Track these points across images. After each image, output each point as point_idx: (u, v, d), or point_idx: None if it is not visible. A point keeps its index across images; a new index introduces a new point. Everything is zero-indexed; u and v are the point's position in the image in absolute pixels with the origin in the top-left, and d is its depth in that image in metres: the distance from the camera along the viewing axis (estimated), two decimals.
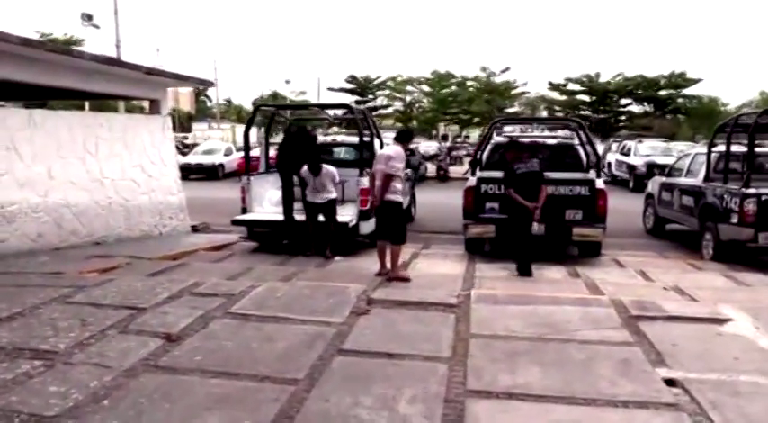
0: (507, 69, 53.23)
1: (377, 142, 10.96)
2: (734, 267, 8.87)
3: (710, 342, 4.69)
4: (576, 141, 10.81)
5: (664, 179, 12.45)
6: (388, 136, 30.34)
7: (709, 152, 10.47)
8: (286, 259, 8.98)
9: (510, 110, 55.75)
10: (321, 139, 12.41)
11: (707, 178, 10.33)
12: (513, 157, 8.03)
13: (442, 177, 25.36)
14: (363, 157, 10.01)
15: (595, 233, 9.11)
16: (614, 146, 27.09)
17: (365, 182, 9.42)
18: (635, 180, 20.87)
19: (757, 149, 10.06)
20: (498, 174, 10.19)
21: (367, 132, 10.45)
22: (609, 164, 25.50)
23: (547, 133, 13.45)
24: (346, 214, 9.50)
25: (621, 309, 5.45)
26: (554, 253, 9.56)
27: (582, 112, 54.12)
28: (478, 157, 10.63)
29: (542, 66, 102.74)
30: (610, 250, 10.32)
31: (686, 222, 11.09)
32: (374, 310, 5.43)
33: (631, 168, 22.10)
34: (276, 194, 10.50)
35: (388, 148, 7.00)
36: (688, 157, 11.91)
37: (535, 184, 7.78)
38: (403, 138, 7.09)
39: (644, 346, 4.60)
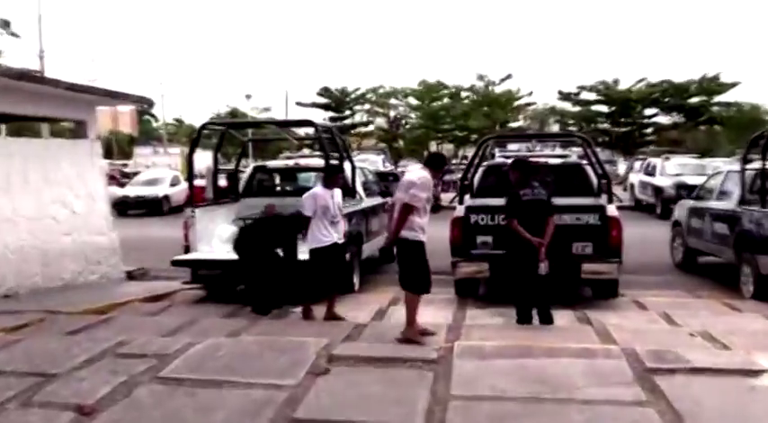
0: (509, 77, 54.01)
1: (347, 165, 11.01)
2: None
3: (742, 399, 4.68)
4: (585, 161, 10.92)
5: (692, 203, 12.58)
6: (371, 158, 30.48)
7: (743, 169, 10.60)
8: (237, 309, 8.94)
9: (514, 124, 56.49)
10: (281, 163, 12.50)
11: (742, 201, 10.45)
12: (518, 180, 7.83)
13: (434, 207, 25.49)
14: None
15: (609, 269, 9.15)
16: (637, 164, 27.42)
17: None
18: (662, 205, 21.10)
19: None
20: (492, 201, 10.29)
21: (335, 154, 10.51)
22: (631, 186, 25.81)
23: (557, 151, 13.54)
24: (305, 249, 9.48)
25: (635, 360, 5.44)
26: (562, 295, 9.54)
27: (599, 126, 55.04)
28: (467, 181, 10.69)
29: (550, 73, 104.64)
30: (631, 290, 10.39)
31: (720, 254, 11.18)
32: (336, 369, 5.39)
33: (657, 191, 22.35)
34: (228, 230, 10.49)
35: (412, 173, 6.89)
36: (719, 175, 12.07)
37: (542, 214, 7.69)
38: (434, 163, 7.01)
39: (660, 405, 4.57)
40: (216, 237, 10.43)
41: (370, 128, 60.00)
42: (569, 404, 4.58)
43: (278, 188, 12.58)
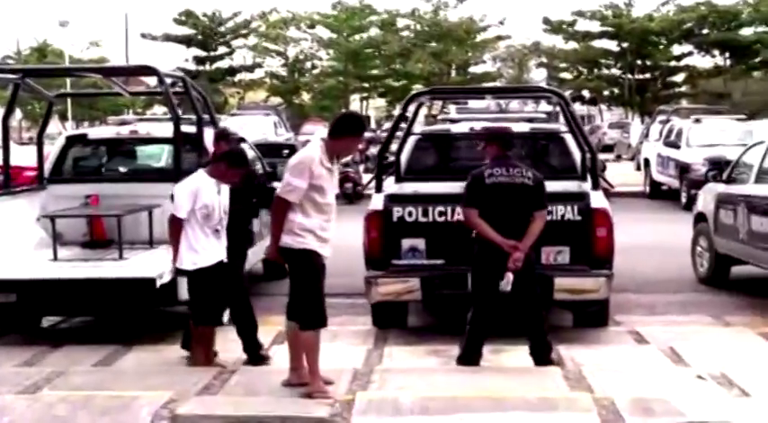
0: None
1: (209, 133, 11.27)
2: None
3: None
4: (564, 128, 11.44)
5: (723, 188, 13.23)
6: (255, 122, 30.74)
7: None
8: (43, 352, 9.15)
9: (477, 68, 57.40)
10: (109, 131, 12.66)
11: None
12: (496, 158, 8.23)
13: (352, 195, 25.87)
14: (181, 163, 10.29)
15: (593, 285, 9.60)
16: (654, 130, 28.21)
17: None
18: (689, 190, 21.77)
19: None
20: (427, 186, 10.73)
21: (189, 116, 10.77)
22: (646, 162, 26.59)
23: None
24: (152, 266, 9.73)
25: (610, 414, 5.92)
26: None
27: (606, 71, 56.40)
28: (390, 157, 11.10)
29: None
30: (630, 315, 11.03)
31: (762, 262, 11.84)
32: None
33: (682, 170, 23.11)
34: (36, 233, 10.63)
35: (304, 149, 7.35)
36: (761, 146, 12.71)
37: (521, 206, 8.07)
38: (343, 129, 7.21)
39: None
40: (8, 244, 10.53)
41: (259, 74, 60.17)
42: None
43: (104, 170, 12.72)
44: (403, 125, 11.86)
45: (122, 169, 12.71)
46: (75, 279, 9.73)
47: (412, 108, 11.82)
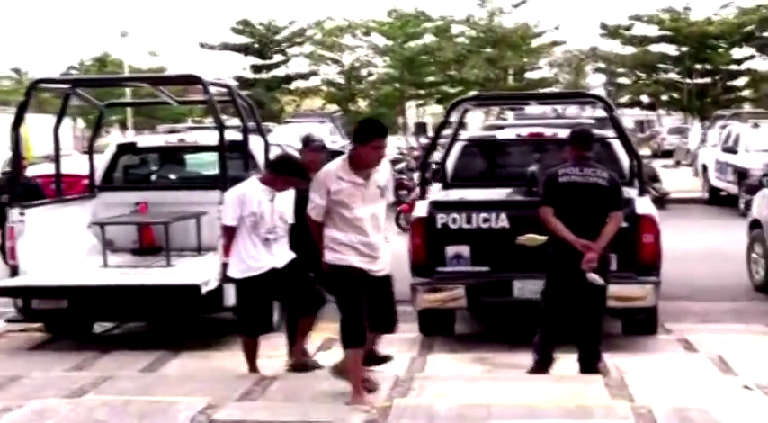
0: (523, 2, 54.57)
1: (257, 142, 11.36)
2: None
3: None
4: (612, 133, 11.40)
5: None
6: (310, 129, 31.07)
7: None
8: (93, 357, 9.31)
9: (533, 74, 57.12)
10: (158, 139, 12.81)
11: None
12: (572, 155, 8.31)
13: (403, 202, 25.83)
14: (225, 171, 10.38)
15: (640, 293, 9.58)
16: (712, 135, 28.03)
17: None
18: (747, 196, 21.60)
19: None
20: (473, 193, 10.77)
21: (235, 124, 10.89)
22: (704, 168, 26.40)
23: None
24: (199, 273, 9.84)
25: None
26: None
27: (664, 76, 55.87)
28: (431, 164, 11.14)
29: None
30: (682, 323, 10.98)
31: None
32: None
33: (740, 175, 22.91)
34: (87, 241, 10.81)
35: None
36: None
37: (596, 207, 8.10)
38: (355, 137, 7.16)
39: None
40: (64, 250, 10.72)
41: (315, 81, 60.41)
42: None
43: (153, 177, 12.89)
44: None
45: (171, 177, 12.89)
46: (124, 285, 10.00)
47: (456, 115, 11.85)
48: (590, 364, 8.13)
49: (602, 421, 6.01)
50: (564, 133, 12.06)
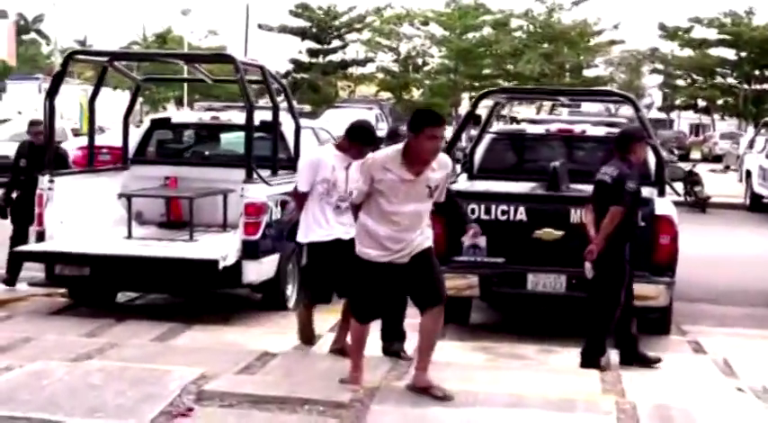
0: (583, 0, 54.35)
1: (289, 124, 11.48)
2: None
3: None
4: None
5: None
6: (356, 114, 31.21)
7: None
8: (108, 324, 9.47)
9: (590, 72, 56.90)
10: (192, 116, 12.96)
11: None
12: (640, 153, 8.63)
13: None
14: (252, 152, 10.49)
15: (653, 292, 9.55)
16: (759, 141, 27.78)
17: (255, 192, 10.05)
18: None
19: None
20: (497, 185, 10.81)
21: (265, 104, 10.98)
22: (747, 173, 26.18)
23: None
24: (218, 248, 9.98)
25: (629, 419, 5.94)
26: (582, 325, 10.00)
27: (720, 80, 55.40)
28: (458, 154, 11.18)
29: None
30: (700, 325, 10.97)
31: None
32: (204, 409, 5.89)
33: None
34: (115, 211, 11.02)
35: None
36: None
37: (600, 202, 8.30)
38: (414, 124, 6.57)
39: None
40: (90, 218, 10.91)
41: (370, 68, 60.70)
42: None
43: (185, 153, 13.06)
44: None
45: (203, 154, 13.03)
46: (144, 257, 10.11)
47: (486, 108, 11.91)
48: (591, 359, 8.17)
49: (583, 414, 6.05)
50: (594, 131, 12.16)
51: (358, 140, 7.63)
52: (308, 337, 8.28)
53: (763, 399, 7.08)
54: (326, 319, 9.35)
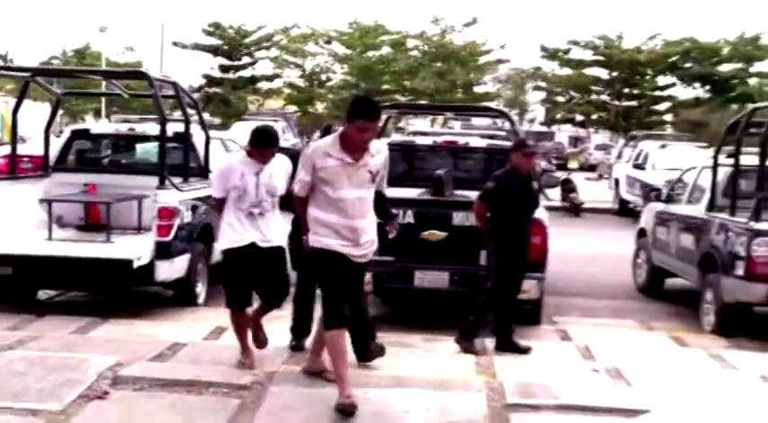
0: (473, 22, 55.16)
1: (199, 135, 11.64)
2: (741, 344, 9.88)
3: None
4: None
5: (661, 207, 13.58)
6: (275, 124, 30.88)
7: (716, 165, 11.60)
8: (29, 320, 9.55)
9: (479, 88, 57.69)
10: (109, 127, 12.99)
11: (711, 206, 11.43)
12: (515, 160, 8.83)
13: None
14: (165, 161, 10.63)
15: (526, 287, 9.83)
16: (627, 152, 28.63)
17: (167, 197, 10.21)
18: None
19: None
20: (388, 192, 11.06)
21: (178, 117, 11.10)
22: (616, 182, 26.98)
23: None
24: (133, 249, 10.08)
25: (496, 395, 6.27)
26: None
27: (595, 97, 56.69)
28: None
29: (532, 20, 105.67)
30: (568, 316, 11.42)
31: (686, 274, 12.16)
32: (119, 393, 6.08)
33: (653, 191, 23.38)
34: (37, 216, 11.00)
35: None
36: (693, 171, 13.06)
37: None
38: (349, 112, 6.25)
39: None
40: (10, 223, 10.89)
41: (278, 83, 60.56)
42: None
43: (103, 162, 13.09)
44: None
45: (119, 162, 13.07)
46: (63, 257, 10.12)
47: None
48: (464, 335, 8.60)
49: (458, 393, 6.35)
50: (476, 142, 12.55)
51: (262, 144, 7.25)
52: (258, 339, 7.57)
53: (614, 378, 7.52)
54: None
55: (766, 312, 9.98)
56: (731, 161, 11.37)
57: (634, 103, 56.73)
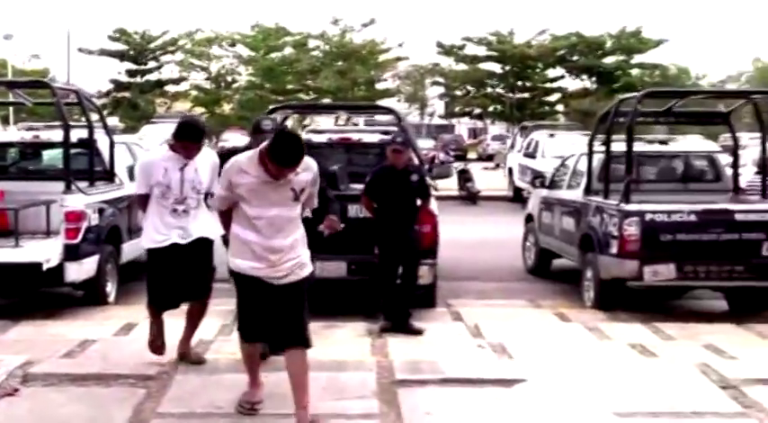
0: (372, 22, 55.76)
1: (103, 140, 11.68)
2: (617, 317, 10.37)
3: (475, 409, 5.95)
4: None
5: (545, 193, 14.05)
6: (165, 130, 30.85)
7: (591, 152, 12.08)
8: None
9: (380, 85, 58.19)
10: (14, 135, 12.91)
11: (588, 190, 11.90)
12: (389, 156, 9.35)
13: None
14: (70, 166, 10.65)
15: (419, 272, 10.20)
16: (519, 142, 29.24)
17: (74, 201, 10.27)
18: None
19: (649, 147, 11.79)
20: None
21: (78, 122, 11.11)
22: (510, 170, 27.57)
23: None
24: (42, 252, 10.09)
25: (386, 372, 6.58)
26: (368, 304, 10.55)
27: (490, 90, 57.71)
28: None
29: (428, 19, 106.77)
30: (462, 299, 11.67)
31: (569, 255, 12.63)
32: (29, 389, 6.20)
33: (537, 178, 23.98)
34: None
35: None
36: (572, 158, 13.57)
37: None
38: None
39: (389, 418, 5.70)
40: None
41: (185, 86, 60.28)
42: (291, 418, 5.58)
43: (11, 169, 13.00)
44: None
45: (26, 168, 12.99)
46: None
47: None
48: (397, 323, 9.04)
49: (351, 373, 6.67)
50: (369, 138, 12.81)
51: (186, 138, 6.79)
52: (155, 346, 7.14)
53: (498, 352, 7.89)
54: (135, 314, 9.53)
55: (638, 286, 10.35)
56: (604, 148, 11.86)
57: (527, 95, 58.05)
